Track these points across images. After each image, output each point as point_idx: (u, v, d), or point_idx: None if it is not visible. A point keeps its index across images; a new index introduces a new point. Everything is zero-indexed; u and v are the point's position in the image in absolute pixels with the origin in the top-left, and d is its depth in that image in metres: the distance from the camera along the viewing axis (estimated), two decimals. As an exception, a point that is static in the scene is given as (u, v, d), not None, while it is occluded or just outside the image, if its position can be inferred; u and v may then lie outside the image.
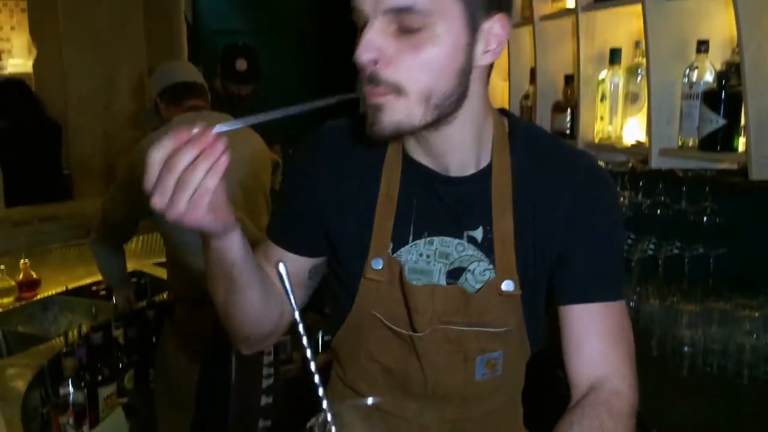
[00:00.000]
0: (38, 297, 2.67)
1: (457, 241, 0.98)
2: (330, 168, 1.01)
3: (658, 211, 1.98)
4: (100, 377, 2.13)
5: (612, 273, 1.00)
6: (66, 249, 2.86)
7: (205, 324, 1.96)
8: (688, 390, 1.57)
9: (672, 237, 1.92)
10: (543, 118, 2.32)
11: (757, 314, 1.59)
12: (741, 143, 1.59)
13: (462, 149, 0.94)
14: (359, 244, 0.99)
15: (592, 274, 0.97)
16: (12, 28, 5.79)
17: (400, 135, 0.89)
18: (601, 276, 0.98)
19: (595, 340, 0.96)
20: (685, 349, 1.64)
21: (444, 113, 0.87)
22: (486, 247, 0.97)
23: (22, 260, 2.63)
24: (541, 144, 1.00)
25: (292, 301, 0.63)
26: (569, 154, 1.01)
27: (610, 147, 1.97)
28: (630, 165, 2.04)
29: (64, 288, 2.75)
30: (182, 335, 2.18)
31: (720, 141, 1.60)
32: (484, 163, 0.97)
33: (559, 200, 0.96)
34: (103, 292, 2.78)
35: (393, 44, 0.82)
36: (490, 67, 0.93)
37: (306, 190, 1.03)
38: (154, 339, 2.45)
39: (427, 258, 0.99)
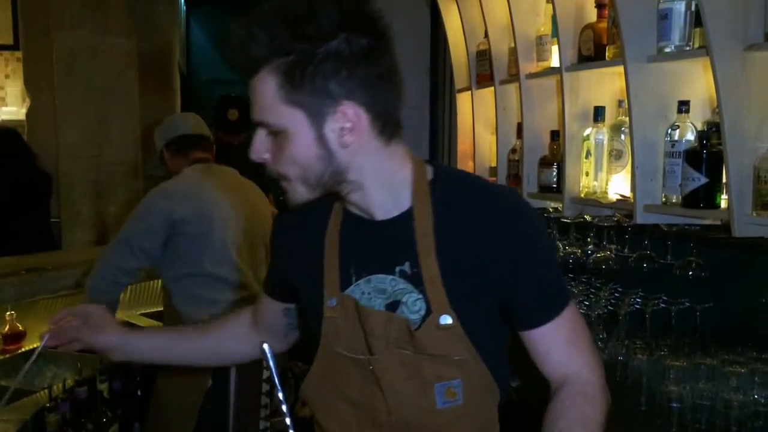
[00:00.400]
0: (23, 349, 2.63)
1: (390, 277, 1.09)
2: (290, 233, 1.21)
3: (645, 265, 2.00)
4: (83, 433, 2.09)
5: (555, 290, 1.12)
6: (53, 300, 2.83)
7: (202, 375, 1.96)
8: (677, 447, 1.56)
9: (658, 291, 1.93)
10: (530, 172, 2.36)
11: (744, 370, 1.59)
12: (723, 200, 1.62)
13: (379, 200, 1.08)
14: (316, 289, 1.13)
15: (540, 302, 1.10)
16: (6, 76, 5.84)
17: (305, 203, 1.09)
18: (548, 299, 1.10)
19: (559, 348, 1.11)
20: (674, 404, 1.63)
21: (332, 187, 1.05)
22: (414, 279, 1.08)
23: (7, 312, 2.60)
24: (463, 187, 1.11)
25: (276, 378, 0.67)
26: (490, 193, 1.11)
27: (595, 202, 2.00)
28: (616, 219, 2.07)
29: (49, 339, 2.72)
30: (178, 386, 2.16)
31: (702, 198, 1.63)
32: (405, 207, 1.08)
33: (486, 239, 1.05)
34: (89, 344, 2.74)
35: (270, 145, 1.03)
36: (385, 134, 1.05)
37: (276, 252, 1.27)
38: (139, 392, 2.42)
39: (368, 295, 1.10)
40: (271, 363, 0.62)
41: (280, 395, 0.61)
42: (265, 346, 0.63)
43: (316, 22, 0.95)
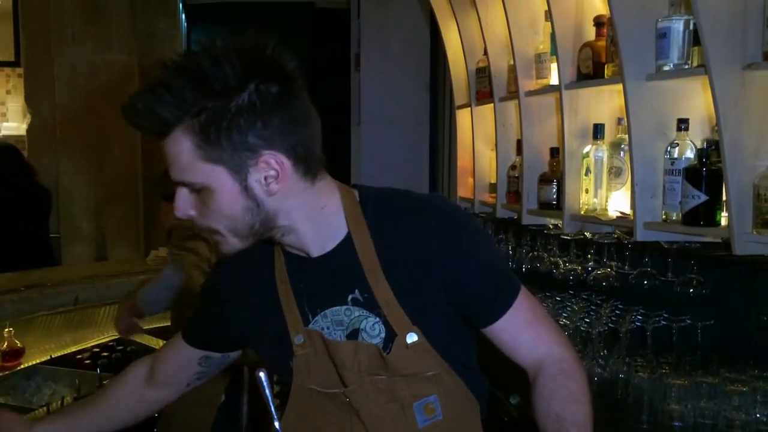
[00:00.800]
0: (21, 366, 2.62)
1: (344, 307, 1.09)
2: (230, 278, 1.19)
3: (645, 282, 1.99)
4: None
5: (503, 280, 1.12)
6: (52, 317, 2.82)
7: (213, 390, 1.95)
8: (679, 467, 1.55)
9: (659, 308, 1.92)
10: (530, 189, 2.36)
11: (745, 389, 1.58)
12: (723, 218, 1.62)
13: (312, 238, 1.07)
14: (278, 331, 1.11)
15: (492, 294, 1.10)
16: (8, 92, 5.87)
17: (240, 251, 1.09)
18: (499, 290, 1.11)
19: (524, 334, 1.11)
20: (676, 423, 1.62)
21: (263, 234, 1.04)
22: (368, 304, 1.07)
23: (6, 329, 2.60)
24: (391, 202, 1.11)
25: (272, 407, 0.66)
26: (420, 202, 1.11)
27: (595, 219, 2.01)
28: (616, 236, 2.07)
29: (48, 357, 2.71)
30: (189, 401, 2.15)
31: (702, 216, 1.63)
32: (341, 236, 1.07)
33: (425, 251, 1.06)
34: (87, 362, 2.74)
35: (195, 202, 1.02)
36: (309, 174, 1.04)
37: (214, 302, 1.22)
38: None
39: (328, 330, 1.09)
40: (267, 392, 0.62)
41: (277, 425, 0.61)
42: (261, 374, 0.63)
43: (222, 77, 0.94)
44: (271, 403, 0.61)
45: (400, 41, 4.13)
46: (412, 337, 1.05)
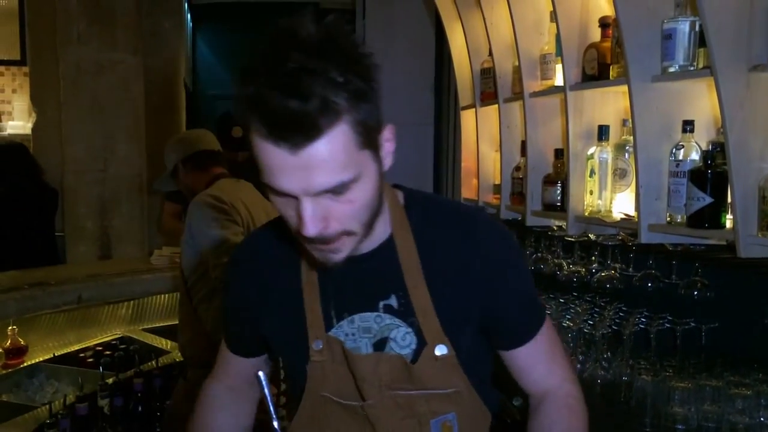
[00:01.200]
0: (25, 364, 2.63)
1: (375, 314, 1.05)
2: (253, 278, 1.13)
3: (649, 285, 1.98)
4: (84, 450, 2.08)
5: (535, 307, 1.12)
6: (55, 315, 2.83)
7: None
8: (682, 470, 1.55)
9: (663, 310, 1.92)
10: (534, 190, 2.35)
11: (749, 392, 1.57)
12: (728, 220, 1.61)
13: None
14: (297, 333, 1.06)
15: (523, 320, 1.10)
16: (13, 91, 5.89)
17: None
18: (529, 317, 1.11)
19: (539, 365, 1.12)
20: (679, 426, 1.62)
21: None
22: (402, 312, 1.04)
23: (9, 326, 2.60)
24: (437, 210, 1.08)
25: (271, 407, 0.65)
26: (466, 214, 1.09)
27: (599, 220, 2.00)
28: (620, 238, 2.06)
29: (51, 355, 2.72)
30: (191, 400, 2.14)
31: (707, 218, 1.62)
32: (384, 236, 1.04)
33: (468, 264, 1.03)
34: (90, 360, 2.74)
35: (331, 207, 0.89)
36: None
37: (239, 305, 1.17)
38: (140, 409, 2.41)
39: (353, 336, 1.05)
40: (266, 391, 0.61)
41: (275, 424, 0.60)
42: (261, 373, 0.62)
43: (361, 50, 0.86)
44: (270, 403, 0.60)
45: (405, 42, 4.13)
46: (441, 350, 1.02)
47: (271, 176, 0.87)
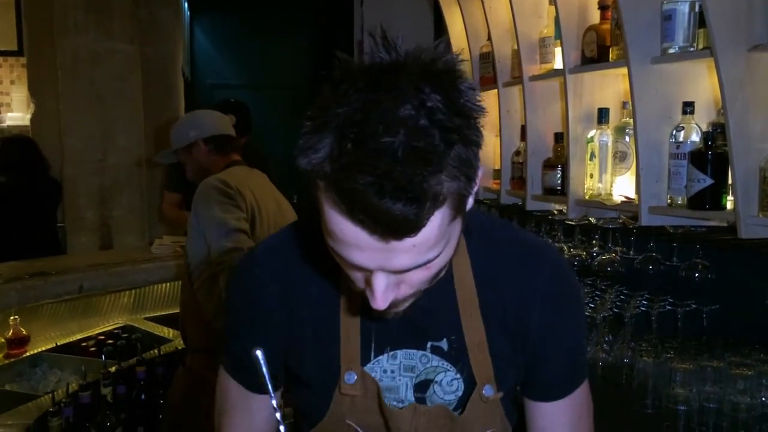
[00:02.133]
0: (27, 354, 2.63)
1: (421, 353, 0.95)
2: (277, 289, 0.96)
3: (650, 267, 1.98)
4: (87, 437, 2.09)
5: (580, 364, 1.02)
6: (57, 305, 2.83)
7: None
8: (684, 451, 1.55)
9: (664, 293, 1.92)
10: (534, 175, 2.35)
11: (751, 372, 1.58)
12: (729, 201, 1.61)
13: None
14: (329, 359, 0.95)
15: (564, 376, 1.00)
16: (12, 83, 5.86)
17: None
18: (571, 374, 1.00)
19: (560, 430, 1.00)
20: (680, 407, 1.62)
21: None
22: (453, 356, 0.95)
23: (11, 316, 2.61)
24: (500, 239, 0.97)
25: (270, 388, 0.61)
26: (533, 250, 0.98)
27: (600, 204, 1.99)
28: (620, 221, 2.06)
29: (53, 344, 2.72)
30: (195, 387, 2.15)
31: (708, 200, 1.62)
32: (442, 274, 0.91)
33: (529, 303, 0.95)
34: (93, 349, 2.75)
35: (405, 277, 0.77)
36: None
37: (257, 327, 0.98)
38: (143, 397, 2.42)
39: (392, 374, 0.95)
40: (264, 370, 0.59)
41: (274, 402, 0.59)
42: (258, 352, 0.60)
43: (475, 95, 0.71)
44: (268, 382, 0.59)
45: (404, 27, 4.11)
46: (488, 391, 0.94)
47: (340, 247, 0.73)
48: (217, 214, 2.06)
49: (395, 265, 0.73)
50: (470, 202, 0.77)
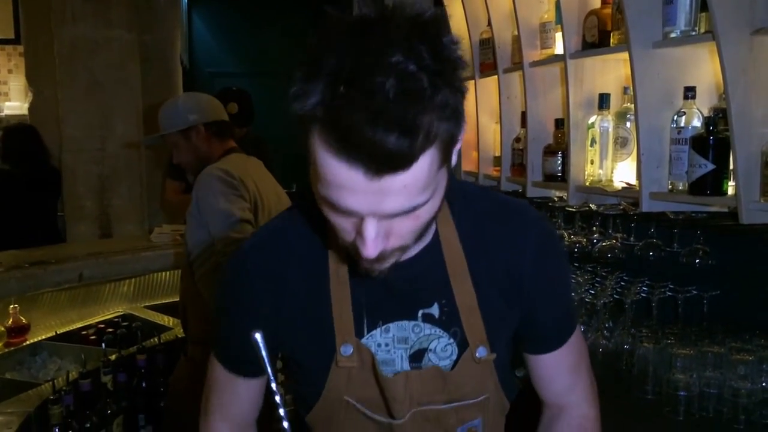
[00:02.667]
0: (27, 342, 2.64)
1: (413, 323, 0.97)
2: (265, 282, 0.98)
3: (651, 253, 1.98)
4: (88, 424, 2.09)
5: (571, 314, 1.09)
6: (56, 293, 2.83)
7: None
8: (684, 436, 1.56)
9: (665, 279, 1.92)
10: (534, 161, 2.34)
11: (751, 358, 1.57)
12: (730, 187, 1.60)
13: None
14: (322, 335, 0.96)
15: (555, 328, 1.06)
16: (9, 71, 5.84)
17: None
18: (563, 324, 1.07)
19: (563, 376, 1.08)
20: (681, 393, 1.62)
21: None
22: (445, 321, 0.97)
23: (11, 305, 2.61)
24: (482, 203, 1.00)
25: (269, 370, 0.60)
26: (515, 210, 1.01)
27: (600, 190, 1.99)
28: (621, 207, 2.05)
29: (53, 333, 2.72)
30: (197, 377, 2.15)
31: (709, 185, 1.61)
32: (428, 238, 0.95)
33: (520, 258, 0.97)
34: (93, 337, 2.75)
35: (394, 224, 0.79)
36: None
37: (247, 319, 0.98)
38: (144, 384, 2.42)
39: (386, 347, 0.97)
40: (263, 353, 0.59)
41: (273, 385, 0.59)
42: (258, 335, 0.59)
43: (455, 39, 0.74)
44: (267, 365, 0.59)
45: (403, 14, 4.08)
46: (482, 352, 0.96)
47: (332, 191, 0.75)
48: (221, 204, 2.04)
49: (386, 209, 0.74)
50: (455, 156, 0.80)
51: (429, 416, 0.98)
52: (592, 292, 2.02)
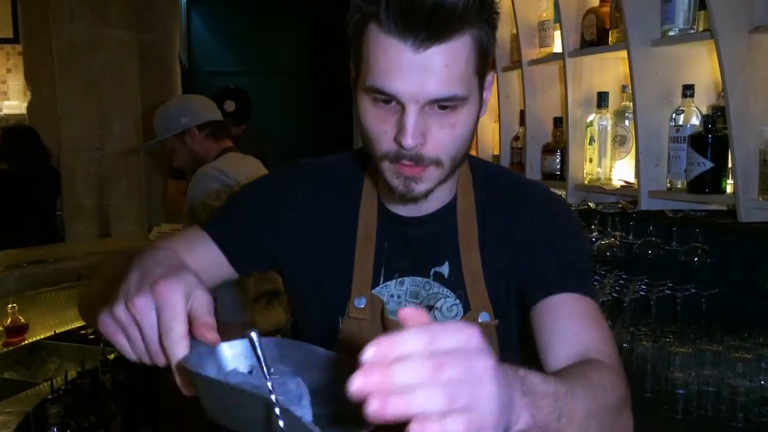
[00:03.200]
0: (26, 341, 2.63)
1: (424, 280, 1.01)
2: (303, 207, 1.03)
3: (650, 252, 1.98)
4: (86, 424, 2.09)
5: (579, 269, 0.98)
6: (55, 292, 2.83)
7: None
8: (683, 434, 1.56)
9: (664, 277, 1.92)
10: (533, 160, 2.34)
11: (749, 356, 1.58)
12: (729, 185, 1.60)
13: (437, 192, 0.96)
14: (338, 285, 1.00)
15: (559, 269, 0.96)
16: (8, 71, 5.83)
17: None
18: (568, 269, 0.96)
19: (571, 323, 0.91)
20: (679, 391, 1.62)
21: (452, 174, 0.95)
22: (453, 282, 1.00)
23: (9, 305, 2.60)
24: (499, 179, 1.05)
25: (264, 369, 0.60)
26: (525, 186, 1.06)
27: (599, 188, 1.99)
28: (620, 206, 2.05)
29: (52, 332, 2.72)
30: None
31: (708, 183, 1.61)
32: (448, 198, 1.01)
33: (517, 227, 1.00)
34: (91, 337, 2.75)
35: (433, 124, 0.85)
36: None
37: (255, 210, 1.03)
38: (142, 384, 2.42)
39: (398, 299, 1.01)
40: (259, 352, 0.58)
41: (269, 384, 0.59)
42: (253, 333, 0.59)
43: None
44: (263, 364, 0.58)
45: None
46: (484, 317, 0.98)
47: (383, 77, 0.83)
48: (211, 203, 2.05)
49: (427, 90, 0.82)
50: (487, 92, 0.90)
51: None
52: (591, 290, 2.02)
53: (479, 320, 0.98)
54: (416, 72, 0.81)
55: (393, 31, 0.80)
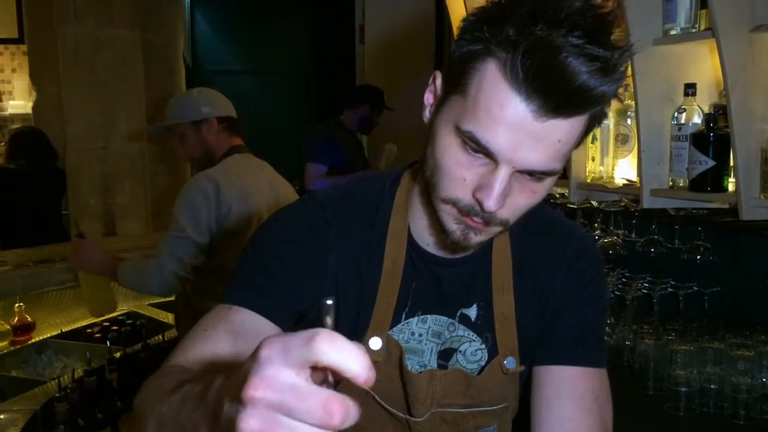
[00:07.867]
0: (33, 340, 2.65)
1: (449, 320, 0.97)
2: (324, 241, 0.93)
3: (652, 250, 1.99)
4: (94, 422, 2.11)
5: (594, 340, 0.98)
6: (61, 291, 2.85)
7: None
8: (685, 431, 1.56)
9: (666, 275, 1.92)
10: (536, 158, 2.34)
11: (752, 354, 1.58)
12: (730, 183, 1.61)
13: None
14: (355, 320, 0.94)
15: (578, 335, 0.96)
16: (13, 71, 5.86)
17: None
18: (586, 336, 0.97)
19: (569, 407, 0.92)
20: (682, 389, 1.63)
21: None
22: (479, 326, 0.97)
23: (16, 303, 2.62)
24: (534, 217, 0.95)
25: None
26: (563, 226, 1.02)
27: (602, 187, 1.99)
28: (622, 204, 2.06)
29: (59, 331, 2.74)
30: None
31: (710, 182, 1.62)
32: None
33: (554, 274, 0.97)
34: (98, 335, 2.77)
35: (516, 188, 0.80)
36: None
37: (295, 260, 0.92)
38: (149, 382, 2.44)
39: (419, 337, 0.96)
40: (330, 324, 0.55)
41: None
42: (329, 302, 0.55)
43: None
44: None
45: (405, 13, 4.09)
46: (511, 363, 0.95)
47: (488, 130, 0.74)
48: (181, 217, 2.11)
49: (530, 158, 0.75)
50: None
51: (447, 418, 0.97)
52: (594, 288, 2.03)
53: (506, 366, 0.95)
54: (527, 139, 0.74)
55: (520, 88, 0.72)
